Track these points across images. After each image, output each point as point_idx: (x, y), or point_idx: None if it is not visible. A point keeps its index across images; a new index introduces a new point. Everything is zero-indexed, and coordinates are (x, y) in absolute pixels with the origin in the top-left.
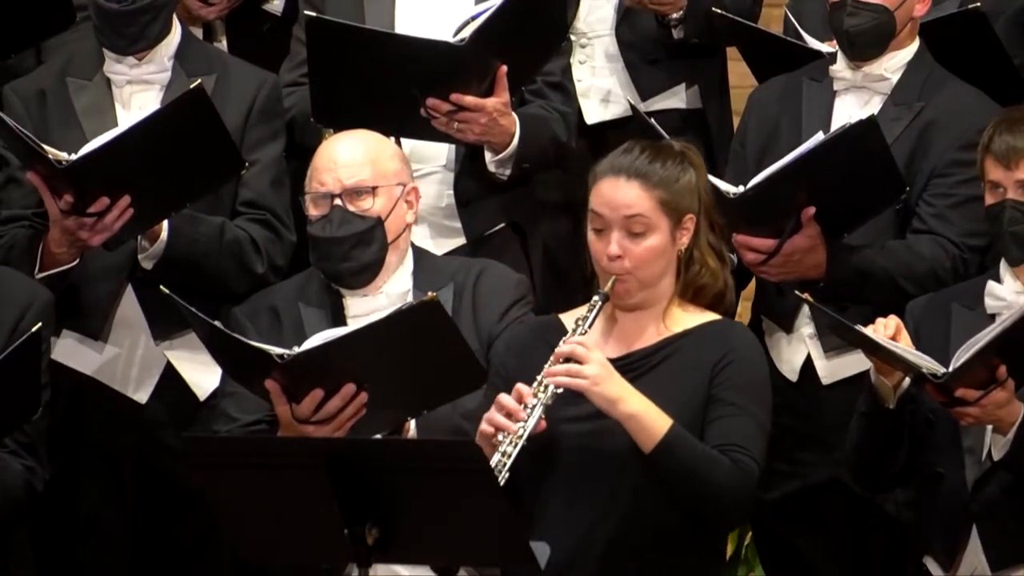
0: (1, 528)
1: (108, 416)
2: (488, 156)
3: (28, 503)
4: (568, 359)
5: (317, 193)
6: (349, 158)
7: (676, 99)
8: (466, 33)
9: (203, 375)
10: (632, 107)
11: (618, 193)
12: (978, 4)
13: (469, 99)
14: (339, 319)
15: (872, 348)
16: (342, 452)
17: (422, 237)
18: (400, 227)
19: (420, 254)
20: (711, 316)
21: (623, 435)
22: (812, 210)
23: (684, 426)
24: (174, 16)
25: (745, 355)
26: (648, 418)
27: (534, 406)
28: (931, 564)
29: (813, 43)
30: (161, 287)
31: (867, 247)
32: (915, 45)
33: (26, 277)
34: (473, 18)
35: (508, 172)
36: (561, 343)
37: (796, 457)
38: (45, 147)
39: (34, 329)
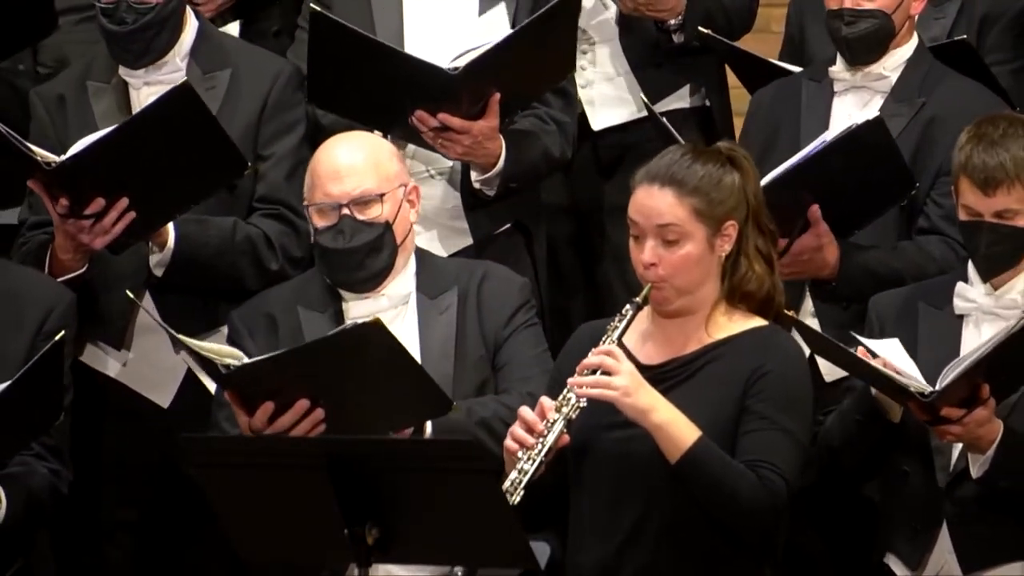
0: (26, 530)
1: (130, 419)
2: (473, 175)
3: (53, 506)
4: (595, 370)
5: (323, 204)
6: (352, 166)
7: (681, 100)
8: (462, 62)
9: None
10: (648, 107)
11: (651, 201)
12: (964, 36)
13: (456, 121)
14: (340, 321)
15: (857, 369)
16: (342, 452)
17: (429, 239)
18: (406, 228)
19: (422, 255)
20: (755, 323)
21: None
22: (816, 207)
23: (715, 437)
24: (187, 12)
25: (783, 366)
26: (676, 429)
27: (555, 421)
28: (893, 563)
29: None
30: (127, 292)
31: (878, 248)
32: (914, 42)
33: (50, 278)
34: (475, 48)
35: (493, 192)
36: (590, 354)
37: None
38: (34, 149)
39: (57, 338)
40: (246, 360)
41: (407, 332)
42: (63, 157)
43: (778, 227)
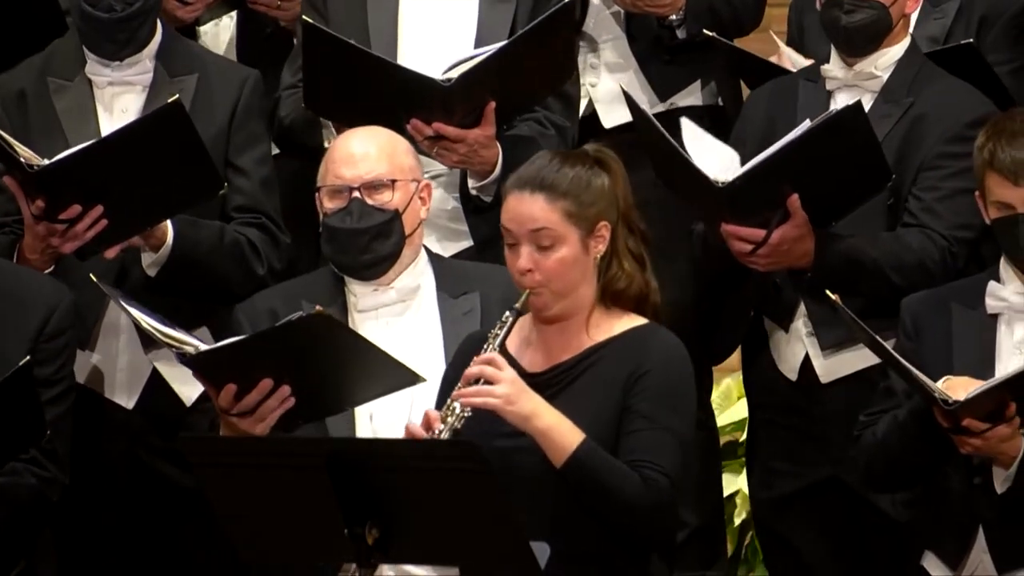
0: (12, 540)
1: (97, 422)
2: (470, 182)
3: (41, 514)
4: (478, 380)
5: (334, 186)
6: (366, 153)
7: (693, 97)
8: (454, 73)
9: (189, 382)
10: (633, 106)
11: (523, 207)
12: (971, 40)
13: (450, 130)
14: (345, 314)
15: (889, 362)
16: (342, 452)
17: (428, 242)
18: (415, 222)
19: (435, 257)
20: (634, 321)
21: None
22: (796, 198)
23: (600, 439)
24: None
25: (661, 364)
26: (559, 433)
27: (441, 431)
28: (932, 564)
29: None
30: (91, 276)
31: (856, 237)
32: (906, 42)
33: (49, 278)
34: (469, 59)
35: (490, 198)
36: (472, 363)
37: (796, 456)
38: (18, 148)
39: (21, 363)
40: (203, 347)
41: (421, 326)
42: (47, 161)
43: (758, 216)
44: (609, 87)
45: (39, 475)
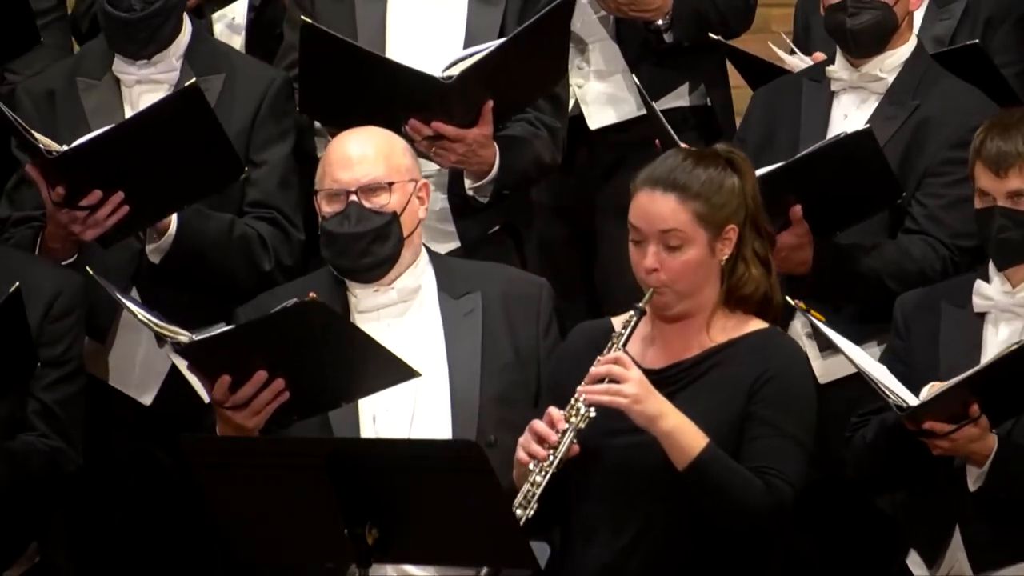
0: (29, 507)
1: (114, 417)
2: (467, 182)
3: (53, 483)
4: (603, 379)
5: (331, 190)
6: (363, 155)
7: (680, 98)
8: (455, 71)
9: None
10: (648, 106)
11: (653, 207)
12: (977, 41)
13: (450, 130)
14: (346, 315)
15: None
16: (342, 452)
17: None
18: (414, 222)
19: (435, 256)
20: (756, 325)
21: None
22: (799, 208)
23: (721, 442)
24: (184, 14)
25: (786, 371)
26: (684, 436)
27: (565, 431)
28: (914, 563)
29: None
30: (87, 268)
31: (857, 246)
32: (912, 43)
33: (54, 266)
34: (467, 56)
35: (486, 199)
36: (596, 362)
37: None
38: (36, 136)
39: (11, 290)
40: (195, 337)
41: (424, 327)
42: (65, 147)
43: None
44: (596, 88)
45: (52, 446)
